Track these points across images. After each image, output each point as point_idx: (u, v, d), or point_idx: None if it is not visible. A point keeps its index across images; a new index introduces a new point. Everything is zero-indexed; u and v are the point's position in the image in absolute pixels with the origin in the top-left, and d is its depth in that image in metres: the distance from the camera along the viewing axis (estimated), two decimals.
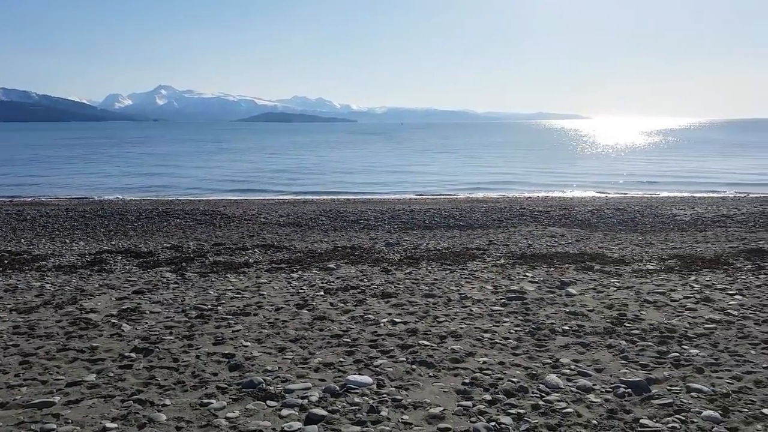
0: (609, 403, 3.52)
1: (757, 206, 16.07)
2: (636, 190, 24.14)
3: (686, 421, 3.27)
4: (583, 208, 15.82)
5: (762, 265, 7.81)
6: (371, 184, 27.51)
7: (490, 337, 4.86)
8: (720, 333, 4.88)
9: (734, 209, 15.37)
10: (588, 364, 4.21)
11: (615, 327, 5.09)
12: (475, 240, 10.77)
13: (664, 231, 12.12)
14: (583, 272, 7.50)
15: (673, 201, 18.41)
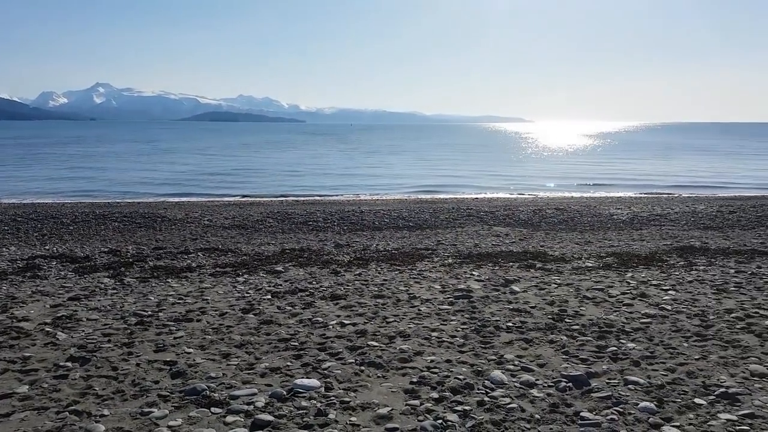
0: (551, 397, 3.63)
1: (689, 205, 16.97)
2: (576, 190, 25.02)
3: (624, 412, 3.40)
4: (526, 208, 16.26)
5: (693, 261, 8.24)
6: (320, 185, 27.35)
7: (437, 335, 4.91)
8: (655, 327, 5.11)
9: (668, 209, 16.17)
10: (531, 359, 4.33)
11: (556, 323, 5.25)
12: (424, 240, 10.88)
13: (602, 230, 12.61)
14: (526, 270, 7.71)
15: (611, 201, 19.20)
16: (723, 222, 13.75)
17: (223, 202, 20.17)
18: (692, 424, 3.25)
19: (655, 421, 3.29)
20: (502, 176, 32.39)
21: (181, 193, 24.09)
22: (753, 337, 4.81)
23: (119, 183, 28.14)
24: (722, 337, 4.81)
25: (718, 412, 3.41)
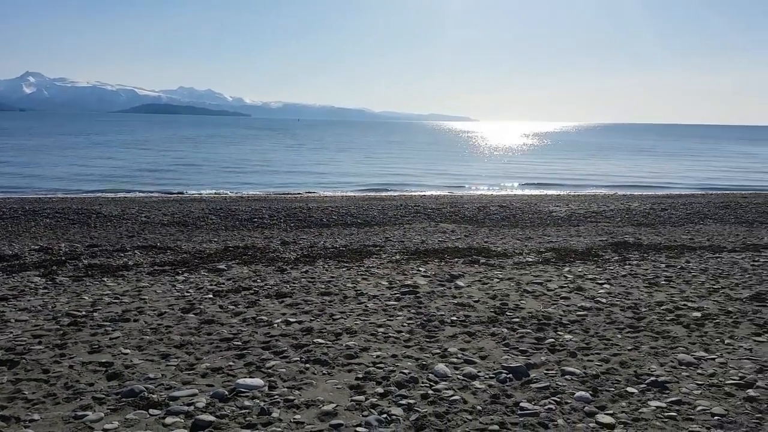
0: (492, 388, 3.73)
1: (624, 203, 17.75)
2: (518, 188, 25.72)
3: (561, 402, 3.54)
4: (471, 205, 16.58)
5: (627, 256, 8.64)
6: (266, 181, 26.91)
7: (384, 331, 4.95)
8: (590, 319, 5.33)
9: (603, 206, 16.86)
10: (474, 352, 4.43)
11: (498, 316, 5.39)
12: (372, 237, 10.91)
13: (541, 226, 13.03)
14: (471, 265, 7.87)
15: (550, 198, 19.85)
16: (655, 219, 14.47)
17: (162, 197, 19.52)
18: (624, 412, 3.41)
19: (590, 409, 3.43)
20: (448, 174, 32.88)
21: (117, 189, 23.13)
22: (681, 328, 5.09)
23: (51, 178, 26.72)
24: (653, 328, 5.07)
25: (648, 399, 3.59)
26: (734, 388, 3.75)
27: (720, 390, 3.74)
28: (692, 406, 3.50)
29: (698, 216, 14.84)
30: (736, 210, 15.84)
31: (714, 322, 5.23)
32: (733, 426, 3.24)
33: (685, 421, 3.31)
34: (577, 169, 36.98)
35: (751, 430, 3.19)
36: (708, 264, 7.99)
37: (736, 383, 3.83)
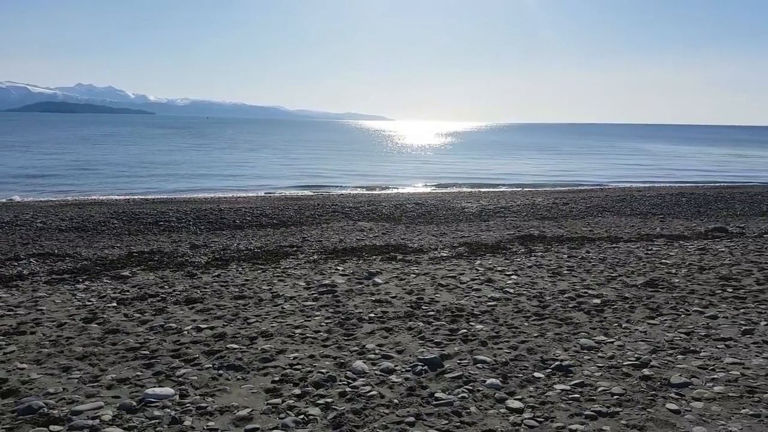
0: (408, 381, 3.80)
1: (529, 199, 18.67)
2: (433, 186, 26.35)
3: (473, 390, 3.67)
4: (388, 203, 16.78)
5: (533, 248, 9.09)
6: (173, 182, 25.74)
7: (301, 332, 4.89)
8: (500, 309, 5.56)
9: (511, 202, 17.65)
10: (391, 347, 4.49)
11: (414, 310, 5.50)
12: (289, 238, 10.76)
13: (455, 222, 13.43)
14: (388, 262, 7.97)
15: (463, 195, 20.51)
16: (558, 213, 15.32)
17: (59, 201, 18.17)
18: (532, 396, 3.59)
19: (500, 395, 3.59)
20: (366, 172, 33.06)
21: (8, 192, 21.25)
22: (583, 314, 5.43)
23: None
24: (557, 315, 5.37)
25: (554, 383, 3.80)
26: (631, 369, 4.05)
27: (618, 371, 4.02)
28: (594, 387, 3.74)
29: (597, 209, 15.89)
30: (632, 203, 17.11)
31: (612, 308, 5.62)
32: (630, 404, 3.50)
33: (588, 402, 3.53)
34: (488, 167, 38.44)
35: (645, 407, 3.45)
36: (606, 254, 8.57)
37: (633, 364, 4.13)
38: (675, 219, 13.62)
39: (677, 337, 4.74)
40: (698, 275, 6.99)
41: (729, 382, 3.79)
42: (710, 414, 3.34)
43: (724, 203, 16.85)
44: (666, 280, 6.76)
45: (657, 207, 16.17)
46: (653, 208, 16.02)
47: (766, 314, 5.31)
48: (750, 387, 3.69)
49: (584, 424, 3.21)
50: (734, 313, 5.39)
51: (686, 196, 18.74)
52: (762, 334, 4.74)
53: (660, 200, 17.60)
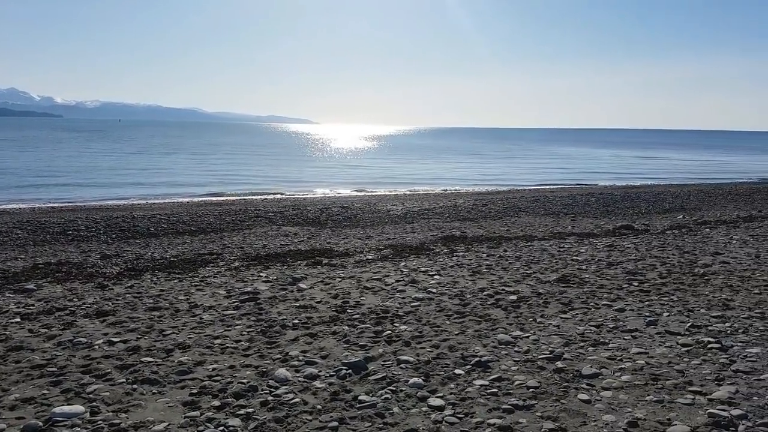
0: (332, 386, 3.78)
1: (451, 200, 19.13)
2: (358, 189, 26.42)
3: (397, 390, 3.70)
4: (314, 207, 16.64)
5: (454, 249, 9.32)
6: (82, 189, 24.22)
7: (221, 342, 4.75)
8: (423, 309, 5.66)
9: (434, 203, 18.01)
10: (315, 352, 4.45)
11: (339, 314, 5.49)
12: (208, 245, 10.41)
13: (380, 225, 13.53)
14: (314, 267, 7.90)
15: (388, 198, 20.70)
16: (478, 214, 15.81)
17: None
18: (453, 393, 3.68)
19: (422, 394, 3.64)
20: (290, 176, 32.59)
21: None
22: (500, 311, 5.62)
23: None
24: (477, 313, 5.53)
25: (473, 379, 3.91)
26: (545, 362, 4.24)
27: (534, 364, 4.20)
28: (511, 381, 3.88)
29: (514, 209, 16.53)
30: (545, 203, 17.93)
31: (528, 304, 5.86)
32: (544, 396, 3.65)
33: (505, 395, 3.66)
34: (414, 170, 39.03)
35: (559, 398, 3.62)
36: (522, 252, 8.93)
37: (547, 357, 4.33)
38: (585, 218, 14.42)
39: (588, 330, 5.01)
40: (607, 271, 7.44)
41: (635, 371, 4.05)
42: (618, 402, 3.55)
43: (630, 202, 18.02)
44: (577, 276, 7.14)
45: (568, 207, 17.04)
46: (565, 207, 16.88)
47: (668, 306, 5.72)
48: (654, 375, 3.96)
49: (502, 418, 3.32)
50: (639, 305, 5.77)
51: (595, 196, 19.89)
52: (665, 325, 5.10)
53: (571, 200, 18.56)
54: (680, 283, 6.65)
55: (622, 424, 3.24)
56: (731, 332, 4.85)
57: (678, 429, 3.17)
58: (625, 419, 3.30)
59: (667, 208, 16.32)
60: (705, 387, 3.74)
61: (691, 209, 15.79)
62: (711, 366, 4.10)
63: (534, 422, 3.29)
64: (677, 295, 6.11)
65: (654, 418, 3.31)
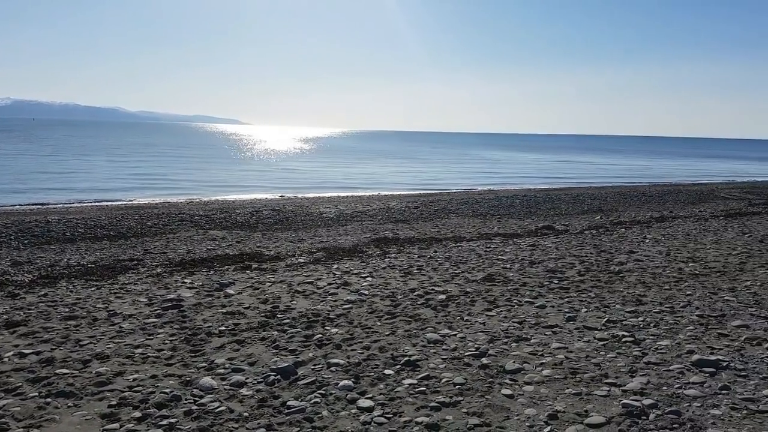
0: (260, 393, 3.72)
1: (384, 203, 19.28)
2: (291, 191, 26.11)
3: (326, 394, 3.69)
4: (243, 210, 16.27)
5: (387, 250, 9.39)
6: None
7: (142, 352, 4.55)
8: (355, 311, 5.67)
9: (368, 206, 18.08)
10: (242, 359, 4.36)
11: (268, 320, 5.39)
12: (128, 250, 9.94)
13: (313, 227, 13.43)
14: (242, 272, 7.72)
15: (322, 201, 20.59)
16: (410, 216, 16.01)
17: None
18: (382, 394, 3.71)
19: (352, 396, 3.65)
20: (217, 178, 31.68)
21: None
22: (430, 310, 5.73)
23: None
24: (407, 313, 5.61)
25: (402, 379, 3.96)
26: (471, 359, 4.36)
27: (460, 362, 4.30)
28: (439, 379, 3.96)
29: (444, 211, 16.87)
30: (473, 205, 18.42)
31: (456, 303, 6.00)
32: (470, 392, 3.75)
33: (433, 393, 3.73)
34: (347, 172, 39.00)
35: (484, 394, 3.73)
36: (451, 252, 9.14)
37: (473, 354, 4.45)
38: (510, 219, 14.93)
39: (511, 326, 5.19)
40: (529, 269, 7.74)
41: (555, 365, 4.23)
42: (539, 396, 3.70)
43: (551, 204, 18.83)
44: (502, 274, 7.39)
45: (495, 208, 17.59)
46: (492, 209, 17.41)
47: (586, 302, 6.02)
48: (573, 368, 4.16)
49: (429, 416, 3.39)
50: (560, 302, 6.04)
51: (519, 198, 20.64)
52: (583, 320, 5.37)
53: (497, 202, 19.18)
54: (597, 281, 7.02)
55: (542, 417, 3.38)
56: (644, 326, 5.17)
57: (594, 420, 3.34)
58: (545, 412, 3.45)
59: (585, 209, 17.18)
60: (619, 379, 3.97)
61: (608, 210, 16.71)
62: (625, 359, 4.35)
63: (460, 418, 3.37)
64: (594, 292, 6.46)
65: (572, 410, 3.48)
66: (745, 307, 5.77)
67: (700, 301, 6.02)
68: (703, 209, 16.33)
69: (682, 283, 6.86)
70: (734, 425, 3.26)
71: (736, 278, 7.05)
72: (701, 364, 4.17)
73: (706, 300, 6.05)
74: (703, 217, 14.17)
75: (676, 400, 3.61)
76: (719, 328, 5.07)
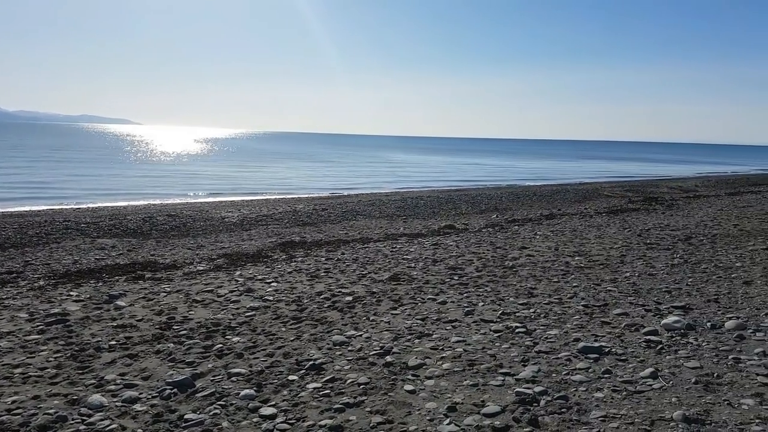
0: (155, 407, 3.53)
1: (291, 206, 19.02)
2: (188, 195, 25.03)
3: (227, 404, 3.58)
4: (135, 216, 15.37)
5: (293, 254, 9.27)
6: None
7: (22, 371, 4.17)
8: (258, 318, 5.54)
9: (273, 209, 17.76)
10: (135, 374, 4.12)
11: (164, 332, 5.14)
12: (6, 262, 9.05)
13: (214, 233, 12.96)
14: (134, 282, 7.30)
15: (223, 205, 19.93)
16: (317, 218, 15.92)
17: None
18: (285, 400, 3.66)
19: (254, 405, 3.57)
20: (106, 183, 29.65)
21: None
22: (337, 312, 5.73)
23: None
24: (313, 316, 5.57)
25: (307, 383, 3.93)
26: (376, 358, 4.41)
27: (365, 361, 4.34)
28: (343, 380, 3.97)
29: (351, 213, 16.96)
30: (380, 207, 18.67)
31: (362, 303, 6.05)
32: (374, 391, 3.80)
33: (337, 395, 3.73)
34: (251, 175, 38.03)
35: (387, 392, 3.79)
36: (359, 254, 9.20)
37: (378, 353, 4.51)
38: (415, 219, 15.30)
39: (415, 323, 5.33)
40: (432, 267, 7.98)
41: (455, 358, 4.39)
42: (439, 390, 3.82)
43: (453, 204, 19.51)
44: (407, 273, 7.56)
45: (401, 209, 17.95)
46: (398, 210, 17.75)
47: (483, 296, 6.30)
48: (471, 360, 4.34)
49: (333, 418, 3.39)
50: (459, 297, 6.28)
51: (424, 199, 21.21)
52: (480, 314, 5.61)
53: (404, 203, 19.58)
54: (493, 276, 7.38)
55: (442, 410, 3.50)
56: (535, 317, 5.50)
57: (490, 409, 3.51)
58: (445, 405, 3.57)
59: (483, 209, 17.97)
60: (513, 368, 4.19)
61: (503, 209, 17.60)
62: (518, 349, 4.61)
63: (363, 418, 3.40)
64: (491, 287, 6.78)
65: (470, 401, 3.63)
66: (625, 296, 6.30)
67: (585, 292, 6.50)
68: (588, 207, 17.65)
69: (569, 275, 7.37)
70: (615, 406, 3.55)
71: (617, 270, 7.69)
72: (586, 350, 4.50)
73: (591, 291, 6.54)
74: (588, 214, 15.32)
75: (564, 385, 3.87)
76: (602, 317, 5.50)
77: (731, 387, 3.76)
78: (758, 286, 6.61)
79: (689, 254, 8.71)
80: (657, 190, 24.05)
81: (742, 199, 19.21)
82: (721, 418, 3.32)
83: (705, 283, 6.79)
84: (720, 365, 4.16)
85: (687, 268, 7.66)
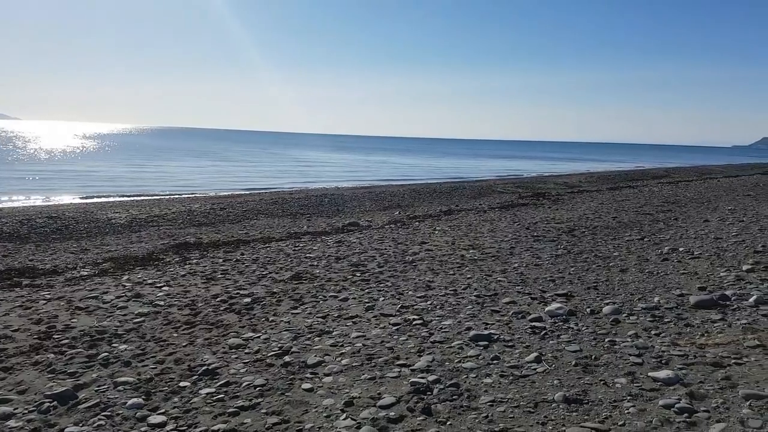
0: (32, 423, 3.28)
1: (186, 205, 18.20)
2: (71, 196, 23.24)
3: (112, 415, 3.38)
4: (11, 219, 14.01)
5: (188, 256, 8.90)
6: None
7: None
8: (148, 324, 5.28)
9: (166, 209, 16.90)
10: (10, 388, 3.79)
11: (43, 342, 4.76)
12: None
13: (100, 236, 12.13)
14: (10, 290, 6.68)
15: (110, 205, 18.69)
16: (215, 218, 15.38)
17: None
18: (176, 407, 3.52)
19: (142, 414, 3.41)
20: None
21: None
22: (234, 315, 5.59)
23: None
24: (208, 320, 5.39)
25: (199, 389, 3.80)
26: (274, 359, 4.36)
27: (263, 363, 4.28)
28: (239, 384, 3.89)
29: (253, 212, 16.56)
30: (283, 205, 18.38)
31: (261, 304, 5.95)
32: (270, 392, 3.76)
33: (232, 399, 3.65)
34: (140, 173, 35.93)
35: (284, 392, 3.76)
36: (259, 254, 9.02)
37: (276, 353, 4.46)
38: (319, 217, 15.25)
39: (315, 321, 5.32)
40: (335, 264, 8.00)
41: (354, 354, 4.45)
42: (338, 386, 3.86)
43: (357, 201, 19.65)
44: (309, 272, 7.53)
45: (305, 207, 17.81)
46: (301, 208, 17.59)
47: (384, 291, 6.42)
48: (369, 355, 4.41)
49: (227, 422, 3.31)
50: (361, 293, 6.35)
51: (329, 197, 21.17)
52: (380, 309, 5.72)
53: (308, 201, 19.43)
54: (394, 270, 7.55)
55: (339, 406, 3.54)
56: (431, 309, 5.70)
57: (386, 401, 3.59)
58: (342, 400, 3.61)
59: (386, 206, 18.28)
60: (409, 359, 4.32)
61: (406, 206, 18.01)
62: (414, 340, 4.75)
63: (259, 419, 3.36)
64: (391, 281, 6.93)
65: (367, 395, 3.70)
66: (513, 285, 6.69)
67: (478, 283, 6.83)
68: (482, 202, 18.51)
69: (464, 268, 7.71)
70: (502, 391, 3.76)
71: (507, 261, 8.14)
72: (477, 338, 4.74)
73: (483, 282, 6.88)
74: (482, 209, 16.06)
75: (456, 373, 4.05)
76: (492, 306, 5.80)
77: (607, 368, 4.12)
78: (633, 273, 7.27)
79: (572, 245, 9.40)
80: (545, 186, 25.68)
81: (620, 193, 21.00)
82: (597, 396, 3.63)
83: (585, 272, 7.37)
84: (597, 348, 4.54)
85: (570, 259, 8.27)
